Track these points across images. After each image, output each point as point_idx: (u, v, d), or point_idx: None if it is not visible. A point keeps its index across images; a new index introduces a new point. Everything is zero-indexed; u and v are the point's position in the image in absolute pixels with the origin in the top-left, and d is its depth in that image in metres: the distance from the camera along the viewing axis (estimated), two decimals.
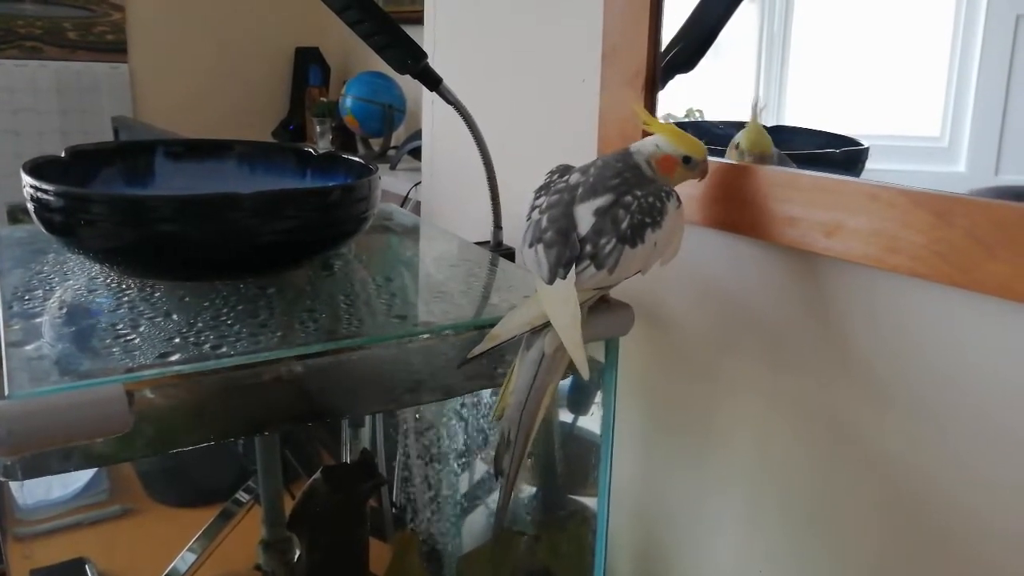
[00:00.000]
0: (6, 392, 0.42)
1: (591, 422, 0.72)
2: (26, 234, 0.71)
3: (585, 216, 0.55)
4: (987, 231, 0.47)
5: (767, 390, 0.66)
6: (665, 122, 0.63)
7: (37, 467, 0.45)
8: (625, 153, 0.58)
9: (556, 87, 0.85)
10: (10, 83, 2.33)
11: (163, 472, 1.01)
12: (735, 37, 0.69)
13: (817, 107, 0.64)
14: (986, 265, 0.48)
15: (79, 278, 0.61)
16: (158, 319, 0.53)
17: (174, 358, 0.47)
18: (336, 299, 0.60)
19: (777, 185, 0.60)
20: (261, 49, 2.67)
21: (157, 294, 0.57)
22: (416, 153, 1.83)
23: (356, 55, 2.60)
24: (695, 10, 0.70)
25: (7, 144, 2.34)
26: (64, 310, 0.55)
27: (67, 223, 0.53)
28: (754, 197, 0.61)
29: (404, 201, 1.63)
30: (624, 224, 0.54)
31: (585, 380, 0.52)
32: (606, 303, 0.59)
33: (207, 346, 0.49)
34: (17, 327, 0.51)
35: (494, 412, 0.55)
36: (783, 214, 0.59)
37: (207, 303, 0.56)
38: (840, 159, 0.61)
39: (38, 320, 0.53)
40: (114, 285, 0.59)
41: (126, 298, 0.57)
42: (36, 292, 0.57)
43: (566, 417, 0.80)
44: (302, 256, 0.61)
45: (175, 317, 0.53)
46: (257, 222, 0.54)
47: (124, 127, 1.81)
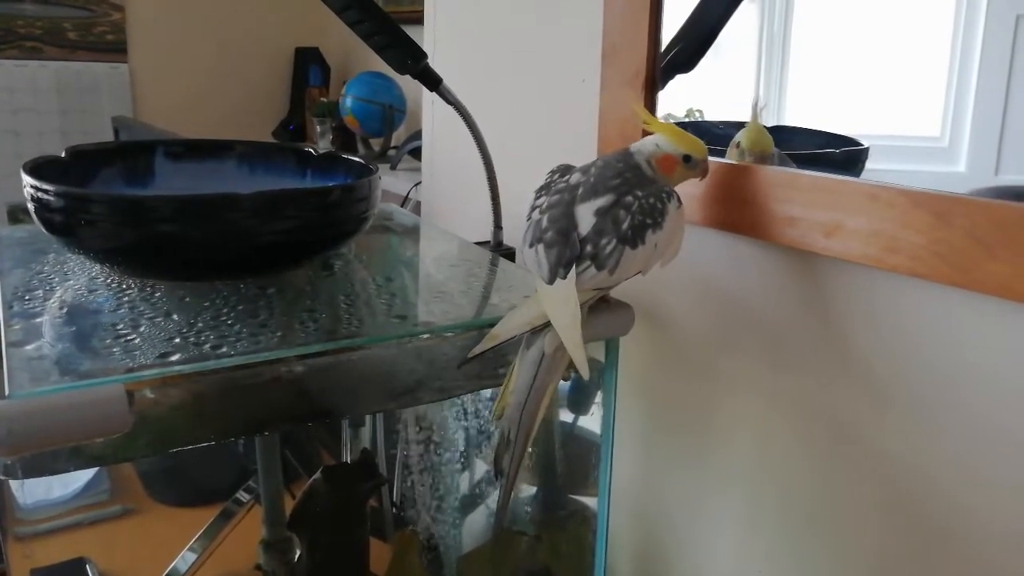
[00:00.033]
0: (6, 392, 0.42)
1: (591, 422, 0.72)
2: (26, 234, 0.71)
3: (586, 216, 0.55)
4: (987, 231, 0.47)
5: (767, 390, 0.66)
6: (665, 122, 0.63)
7: (37, 466, 0.45)
8: (625, 153, 0.58)
9: (556, 87, 0.85)
10: (10, 83, 2.34)
11: (163, 472, 1.01)
12: (735, 37, 0.69)
13: (817, 107, 0.64)
14: (986, 265, 0.48)
15: (79, 278, 0.61)
16: (158, 319, 0.53)
17: (174, 358, 0.47)
18: (336, 299, 0.60)
19: (777, 185, 0.60)
20: (261, 49, 2.67)
21: (157, 294, 0.57)
22: (416, 153, 1.83)
23: (356, 55, 2.60)
24: (695, 10, 0.70)
25: (7, 144, 2.34)
26: (64, 310, 0.55)
27: (67, 223, 0.53)
28: (754, 197, 0.61)
29: (404, 201, 1.63)
30: (625, 225, 0.54)
31: (585, 380, 0.52)
32: (606, 303, 0.59)
33: (207, 346, 0.49)
34: (17, 327, 0.51)
35: (494, 412, 0.55)
36: (783, 214, 0.59)
37: (207, 303, 0.56)
38: (840, 159, 0.61)
39: (38, 320, 0.53)
40: (114, 285, 0.59)
41: (126, 298, 0.57)
42: (36, 292, 0.58)
43: (566, 417, 0.80)
44: (302, 256, 0.61)
45: (175, 317, 0.53)
46: (257, 222, 0.54)
47: (124, 127, 1.81)
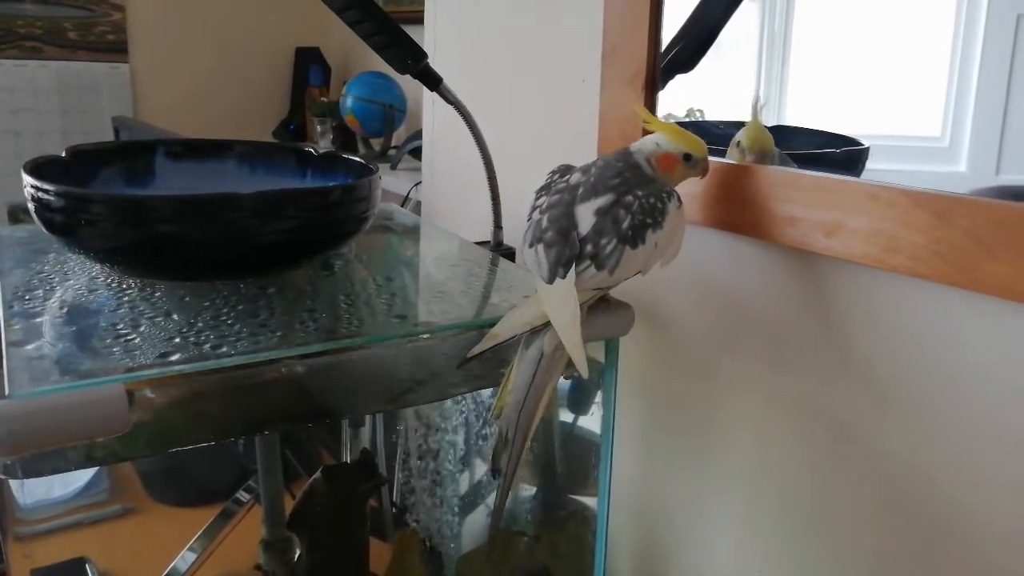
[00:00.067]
0: (6, 392, 0.42)
1: (591, 422, 0.72)
2: (26, 234, 0.71)
3: (586, 216, 0.54)
4: (987, 231, 0.47)
5: (767, 390, 0.65)
6: (665, 121, 0.63)
7: (37, 466, 0.45)
8: (625, 152, 0.58)
9: (556, 87, 0.85)
10: (10, 83, 2.33)
11: (163, 472, 1.01)
12: (735, 37, 0.69)
13: (818, 107, 0.64)
14: (986, 265, 0.48)
15: (79, 278, 0.61)
16: (158, 319, 0.53)
17: (174, 358, 0.47)
18: (336, 299, 0.60)
19: (778, 185, 0.60)
20: (261, 49, 2.67)
21: (157, 294, 0.57)
22: (416, 153, 1.83)
23: (356, 55, 2.60)
24: (695, 10, 0.70)
25: (7, 144, 2.34)
26: (64, 310, 0.55)
27: (67, 223, 0.53)
28: (755, 197, 0.61)
29: (404, 201, 1.63)
30: (625, 224, 0.54)
31: (585, 380, 0.52)
32: (606, 303, 0.59)
33: (207, 346, 0.49)
34: (17, 327, 0.51)
35: (492, 411, 0.55)
36: (784, 214, 0.59)
37: (207, 303, 0.56)
38: (841, 159, 0.61)
39: (38, 320, 0.53)
40: (114, 285, 0.59)
41: (126, 298, 0.57)
42: (36, 292, 0.57)
43: (566, 417, 0.80)
44: (302, 256, 0.61)
45: (175, 317, 0.53)
46: (257, 222, 0.54)
47: (124, 127, 1.81)
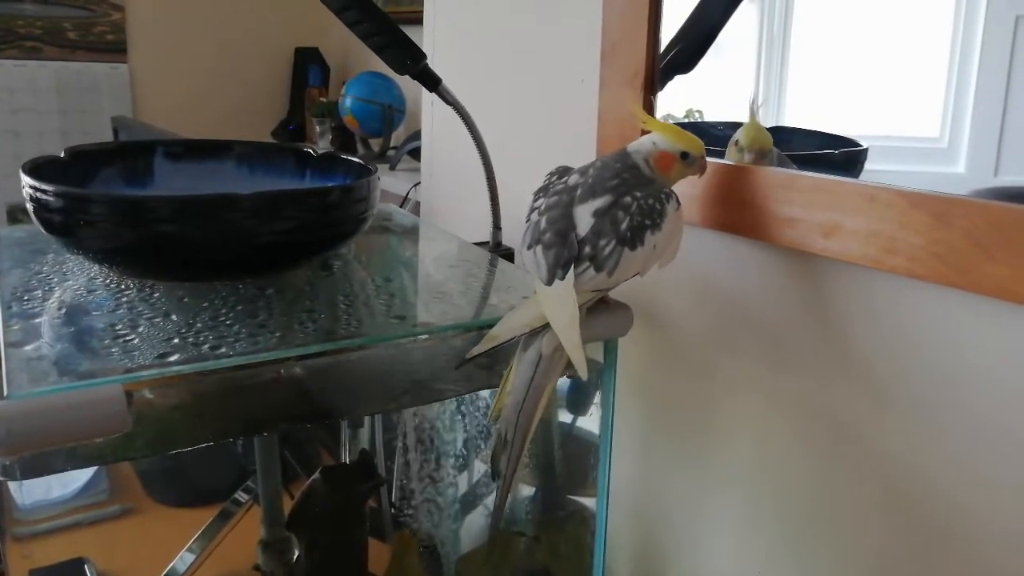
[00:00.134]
0: (5, 392, 0.42)
1: (590, 422, 0.72)
2: (25, 234, 0.71)
3: (584, 217, 0.54)
4: (985, 232, 0.47)
5: (767, 390, 0.65)
6: (662, 121, 0.63)
7: (36, 467, 0.45)
8: (623, 153, 0.58)
9: (556, 87, 0.85)
10: (10, 83, 2.33)
11: (163, 472, 1.01)
12: (735, 37, 0.69)
13: (817, 108, 0.64)
14: (984, 266, 0.48)
15: (78, 278, 0.61)
16: (157, 319, 0.53)
17: (173, 358, 0.47)
18: (335, 299, 0.60)
19: (776, 186, 0.60)
20: (261, 49, 2.67)
21: (156, 294, 0.57)
22: (416, 153, 1.83)
23: (356, 55, 2.60)
24: (695, 10, 0.70)
25: (7, 144, 2.34)
26: (63, 310, 0.55)
27: (66, 223, 0.53)
28: (753, 198, 0.61)
29: (403, 201, 1.63)
30: (623, 226, 0.54)
31: (584, 381, 0.52)
32: (605, 304, 0.59)
33: (206, 346, 0.49)
34: (16, 327, 0.51)
35: (491, 413, 0.55)
36: (782, 215, 0.59)
37: (206, 303, 0.56)
38: (839, 160, 0.61)
39: (37, 320, 0.53)
40: (113, 285, 0.59)
41: (125, 298, 0.57)
42: (35, 292, 0.57)
43: (565, 417, 0.80)
44: (301, 256, 0.61)
45: (174, 317, 0.53)
46: (256, 222, 0.54)
47: (124, 127, 1.81)
